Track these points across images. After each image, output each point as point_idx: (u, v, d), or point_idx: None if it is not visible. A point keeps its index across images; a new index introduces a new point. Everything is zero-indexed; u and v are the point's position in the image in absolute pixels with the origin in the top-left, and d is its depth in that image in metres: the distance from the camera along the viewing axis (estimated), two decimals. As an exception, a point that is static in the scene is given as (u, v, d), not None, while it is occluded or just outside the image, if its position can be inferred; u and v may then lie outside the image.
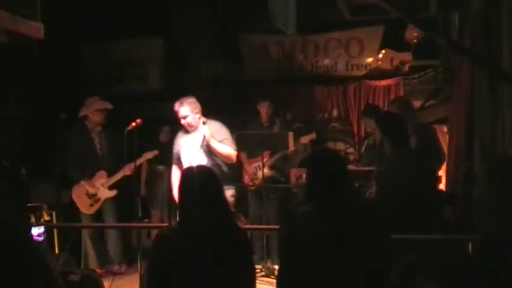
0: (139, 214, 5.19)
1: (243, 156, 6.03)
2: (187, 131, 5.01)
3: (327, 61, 7.53)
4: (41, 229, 5.27)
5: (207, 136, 4.80)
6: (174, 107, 4.92)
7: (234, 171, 5.06)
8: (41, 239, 5.21)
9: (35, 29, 4.19)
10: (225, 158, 4.83)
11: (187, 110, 4.89)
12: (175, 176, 5.13)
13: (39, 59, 6.30)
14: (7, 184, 5.50)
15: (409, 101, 5.74)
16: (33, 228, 5.06)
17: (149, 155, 5.85)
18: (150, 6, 6.98)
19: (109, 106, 5.84)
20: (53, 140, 5.85)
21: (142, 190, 6.65)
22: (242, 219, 6.86)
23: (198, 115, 4.87)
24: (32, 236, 4.32)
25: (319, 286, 2.51)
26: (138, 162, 5.53)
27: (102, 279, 4.59)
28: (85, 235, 5.76)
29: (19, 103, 6.72)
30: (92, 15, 6.93)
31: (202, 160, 4.90)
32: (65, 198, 5.84)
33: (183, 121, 4.90)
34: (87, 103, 5.81)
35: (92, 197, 5.66)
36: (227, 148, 4.84)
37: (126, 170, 5.56)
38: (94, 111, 5.76)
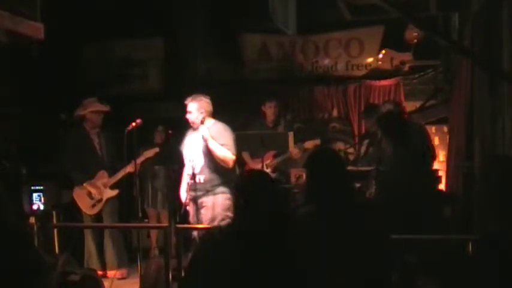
0: (140, 214, 5.18)
1: (246, 156, 6.02)
2: (193, 129, 5.00)
3: (327, 61, 7.53)
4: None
5: (205, 136, 4.80)
6: (186, 99, 4.93)
7: (231, 174, 5.02)
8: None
9: (35, 29, 4.18)
10: (221, 161, 4.81)
11: (193, 106, 4.87)
12: (184, 174, 5.13)
13: (39, 59, 6.29)
14: (7, 184, 5.50)
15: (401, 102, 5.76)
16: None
17: (149, 153, 5.85)
18: (150, 6, 6.98)
19: (105, 108, 5.82)
20: (53, 140, 5.86)
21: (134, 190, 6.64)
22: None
23: (202, 115, 4.86)
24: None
25: (320, 286, 2.51)
26: (139, 160, 5.53)
27: (103, 280, 4.59)
28: (87, 236, 5.76)
29: (19, 103, 6.72)
30: (92, 15, 6.93)
31: (200, 160, 4.89)
32: (66, 198, 5.84)
33: (187, 115, 4.90)
34: (84, 104, 5.80)
35: (94, 197, 5.67)
36: (224, 151, 4.81)
37: (127, 168, 5.56)
38: (90, 112, 5.75)
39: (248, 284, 2.43)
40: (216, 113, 5.09)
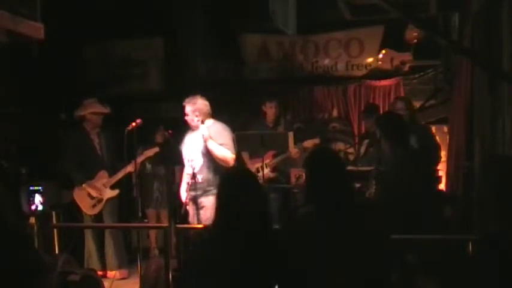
0: (140, 214, 5.19)
1: (245, 156, 6.03)
2: (193, 129, 5.02)
3: (327, 61, 7.53)
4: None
5: (205, 136, 4.81)
6: (184, 101, 4.96)
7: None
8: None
9: (35, 29, 4.18)
10: (221, 161, 4.83)
11: (189, 109, 4.93)
12: (184, 174, 5.14)
13: (39, 59, 6.29)
14: (7, 184, 5.50)
15: (411, 101, 5.76)
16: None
17: (149, 152, 5.86)
18: (150, 6, 6.98)
19: (105, 110, 5.85)
20: (53, 140, 5.85)
21: (134, 190, 6.64)
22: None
23: (197, 118, 4.88)
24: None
25: (320, 286, 2.51)
26: (139, 160, 5.54)
27: (103, 280, 4.59)
28: (87, 236, 5.76)
29: (19, 103, 6.72)
30: (92, 15, 6.93)
31: (199, 160, 4.90)
32: (66, 198, 5.84)
33: (186, 116, 4.96)
34: (84, 104, 5.83)
35: (94, 197, 5.67)
36: (224, 151, 4.83)
37: (128, 168, 5.57)
38: (90, 113, 5.77)
39: (233, 282, 2.44)
40: (216, 113, 5.10)
